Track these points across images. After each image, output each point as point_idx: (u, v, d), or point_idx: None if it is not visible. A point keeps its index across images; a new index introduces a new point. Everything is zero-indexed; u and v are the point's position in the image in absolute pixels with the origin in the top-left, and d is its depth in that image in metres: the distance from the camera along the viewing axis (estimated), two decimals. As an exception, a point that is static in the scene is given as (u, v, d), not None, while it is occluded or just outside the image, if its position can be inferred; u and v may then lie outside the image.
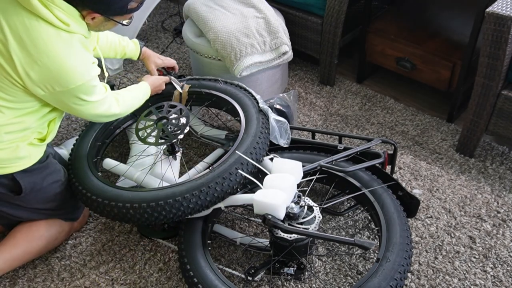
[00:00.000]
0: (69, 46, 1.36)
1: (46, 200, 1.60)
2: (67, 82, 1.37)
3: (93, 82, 1.43)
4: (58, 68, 1.34)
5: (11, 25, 1.31)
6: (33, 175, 1.53)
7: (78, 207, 1.75)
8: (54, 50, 1.33)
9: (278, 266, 1.54)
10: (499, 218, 1.74)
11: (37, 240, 1.64)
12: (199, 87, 1.89)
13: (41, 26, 1.32)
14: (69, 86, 1.37)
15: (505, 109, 1.79)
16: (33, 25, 1.31)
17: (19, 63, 1.32)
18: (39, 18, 1.31)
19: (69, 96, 1.41)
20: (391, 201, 1.55)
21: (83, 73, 1.39)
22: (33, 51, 1.31)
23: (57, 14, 1.32)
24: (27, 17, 1.31)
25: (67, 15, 1.34)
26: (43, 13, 1.31)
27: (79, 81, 1.38)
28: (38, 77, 1.34)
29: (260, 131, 1.61)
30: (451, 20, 2.27)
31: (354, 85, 2.42)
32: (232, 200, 1.52)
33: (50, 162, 1.60)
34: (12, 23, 1.31)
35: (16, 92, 1.38)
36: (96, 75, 1.45)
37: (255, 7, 2.14)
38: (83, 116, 1.52)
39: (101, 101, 1.49)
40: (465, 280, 1.56)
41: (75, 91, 1.40)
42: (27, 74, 1.33)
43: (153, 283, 1.62)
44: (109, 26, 1.48)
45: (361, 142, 2.01)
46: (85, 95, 1.43)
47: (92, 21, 1.41)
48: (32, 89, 1.36)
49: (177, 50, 2.78)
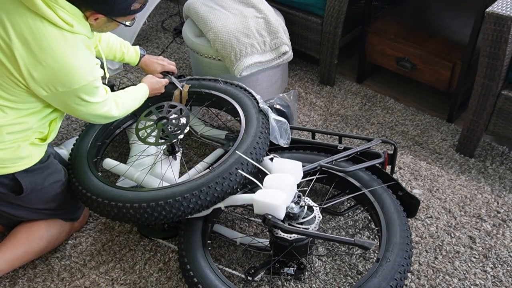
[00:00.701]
0: (73, 47, 1.36)
1: (47, 200, 1.60)
2: (71, 82, 1.37)
3: (96, 83, 1.44)
4: (62, 69, 1.34)
5: (15, 26, 1.31)
6: (34, 175, 1.53)
7: (78, 207, 1.75)
8: (58, 50, 1.33)
9: (278, 266, 1.54)
10: (499, 218, 1.74)
11: (38, 240, 1.64)
12: (199, 87, 1.89)
13: (45, 27, 1.32)
14: (72, 86, 1.38)
15: (505, 109, 1.79)
16: (37, 26, 1.31)
17: (23, 63, 1.32)
18: (43, 19, 1.32)
19: (71, 96, 1.41)
20: (391, 201, 1.55)
21: (87, 73, 1.39)
22: (37, 52, 1.32)
23: (60, 15, 1.33)
24: (31, 18, 1.31)
25: (70, 16, 1.35)
26: (47, 14, 1.31)
27: (82, 81, 1.38)
28: (41, 78, 1.34)
29: (260, 131, 1.62)
30: (451, 20, 2.27)
31: (354, 85, 2.42)
32: (232, 200, 1.52)
33: (51, 162, 1.60)
34: (16, 24, 1.31)
35: (18, 93, 1.38)
36: (99, 77, 1.45)
37: (255, 7, 2.14)
38: (83, 117, 1.52)
39: (102, 103, 1.50)
40: (465, 280, 1.56)
41: (78, 92, 1.40)
42: (31, 74, 1.33)
43: (153, 283, 1.62)
44: (112, 27, 1.49)
45: (361, 142, 2.01)
46: (87, 96, 1.43)
47: (95, 21, 1.42)
48: (34, 90, 1.36)
49: (177, 50, 2.78)
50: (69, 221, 1.73)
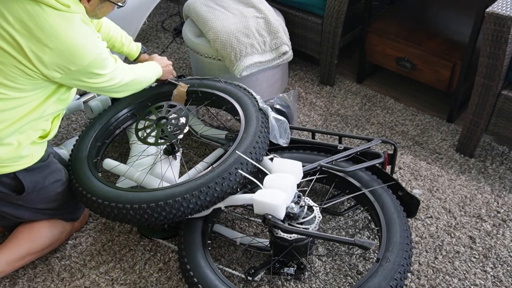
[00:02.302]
0: (74, 26, 1.39)
1: (48, 200, 1.60)
2: (81, 59, 1.40)
3: (103, 54, 1.47)
4: (69, 48, 1.37)
5: (14, 14, 1.33)
6: (35, 174, 1.54)
7: (79, 207, 1.75)
8: (62, 31, 1.36)
9: (278, 266, 1.54)
10: (499, 218, 1.74)
11: (40, 241, 1.64)
12: (198, 86, 1.89)
13: (44, 11, 1.34)
14: (83, 63, 1.41)
15: (505, 109, 1.79)
16: (36, 10, 1.33)
17: (29, 50, 1.34)
18: (40, 3, 1.34)
19: (85, 73, 1.45)
20: (391, 201, 1.55)
21: (93, 48, 1.43)
22: (42, 36, 1.34)
23: None
24: (28, 4, 1.33)
25: None
26: None
27: (90, 56, 1.42)
28: (52, 60, 1.37)
29: (259, 130, 1.61)
30: (451, 20, 2.27)
31: (354, 85, 2.42)
32: (232, 200, 1.52)
33: (51, 161, 1.61)
34: (14, 12, 1.33)
35: (26, 81, 1.39)
36: (104, 47, 1.50)
37: (255, 7, 2.14)
38: (104, 92, 1.57)
39: (115, 71, 1.54)
40: (465, 280, 1.56)
41: (89, 67, 1.44)
42: (40, 59, 1.36)
43: (153, 283, 1.62)
44: (106, 10, 1.53)
45: (361, 142, 2.01)
46: (99, 69, 1.47)
47: (88, 3, 1.45)
48: (48, 74, 1.39)
49: (177, 50, 2.78)
50: (69, 221, 1.73)
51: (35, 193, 1.55)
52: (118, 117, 1.86)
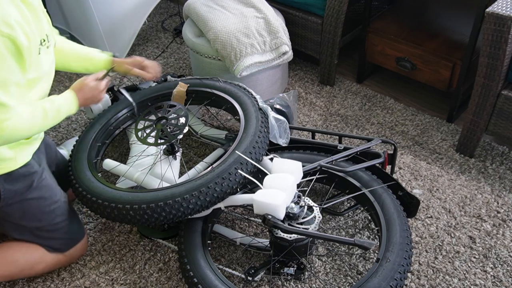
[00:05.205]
0: None
1: (29, 217, 1.46)
2: None
3: None
4: None
5: None
6: (16, 183, 1.41)
7: (70, 238, 1.60)
8: None
9: (278, 266, 1.54)
10: (499, 218, 1.74)
11: (10, 265, 1.52)
12: (198, 86, 1.89)
13: None
14: None
15: (505, 109, 1.79)
16: None
17: None
18: None
19: None
20: (391, 201, 1.55)
21: None
22: None
23: None
24: None
25: None
26: None
27: None
28: None
29: (259, 130, 1.61)
30: (451, 20, 2.27)
31: (354, 85, 2.42)
32: (232, 200, 1.52)
33: (41, 175, 1.49)
34: None
35: None
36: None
37: (255, 7, 2.14)
38: None
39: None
40: (465, 280, 1.56)
41: None
42: None
43: (153, 283, 1.62)
44: None
45: (361, 142, 2.01)
46: None
47: None
48: None
49: (177, 50, 2.78)
50: (53, 251, 1.57)
51: (16, 205, 1.42)
52: (118, 117, 1.86)
